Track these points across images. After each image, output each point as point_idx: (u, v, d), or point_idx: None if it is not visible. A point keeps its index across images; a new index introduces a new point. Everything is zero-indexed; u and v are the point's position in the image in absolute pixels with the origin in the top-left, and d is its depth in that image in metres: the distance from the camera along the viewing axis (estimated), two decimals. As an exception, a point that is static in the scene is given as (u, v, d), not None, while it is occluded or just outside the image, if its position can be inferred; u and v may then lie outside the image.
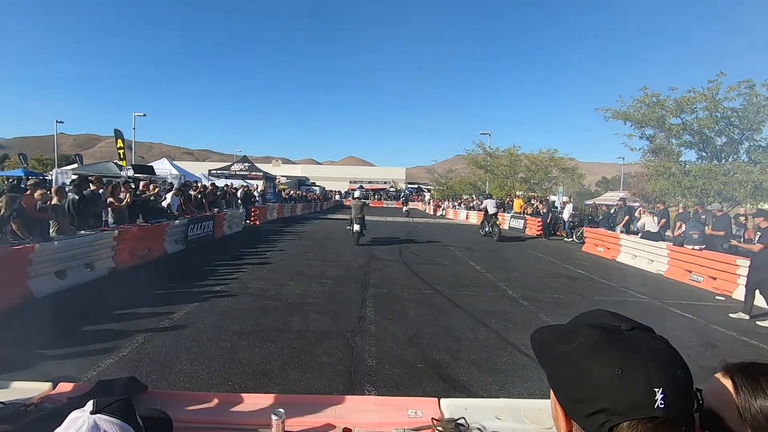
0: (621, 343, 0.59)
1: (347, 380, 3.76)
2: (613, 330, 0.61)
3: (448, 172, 51.54)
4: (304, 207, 30.02)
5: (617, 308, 3.09)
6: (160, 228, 9.60)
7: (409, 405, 1.61)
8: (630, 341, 0.59)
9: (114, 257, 7.73)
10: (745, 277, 7.90)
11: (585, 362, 0.58)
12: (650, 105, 13.39)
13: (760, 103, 11.28)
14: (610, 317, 0.65)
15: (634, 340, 0.59)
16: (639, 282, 9.28)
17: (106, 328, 4.74)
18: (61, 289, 6.23)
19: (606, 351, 0.58)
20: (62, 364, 3.76)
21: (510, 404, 1.61)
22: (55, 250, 6.29)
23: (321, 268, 8.88)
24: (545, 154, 29.08)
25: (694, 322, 6.27)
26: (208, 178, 25.61)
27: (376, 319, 5.58)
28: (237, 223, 15.73)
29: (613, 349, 0.58)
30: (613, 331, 0.61)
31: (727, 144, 12.48)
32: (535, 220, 19.52)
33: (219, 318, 5.28)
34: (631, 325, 0.62)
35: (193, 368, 3.82)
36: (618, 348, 0.58)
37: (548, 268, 10.57)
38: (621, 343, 0.59)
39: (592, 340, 0.60)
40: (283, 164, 68.60)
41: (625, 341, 0.59)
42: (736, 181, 11.58)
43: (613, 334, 0.60)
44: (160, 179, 18.25)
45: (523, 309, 6.44)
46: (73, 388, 1.64)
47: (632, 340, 0.59)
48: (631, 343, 0.58)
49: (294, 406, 1.56)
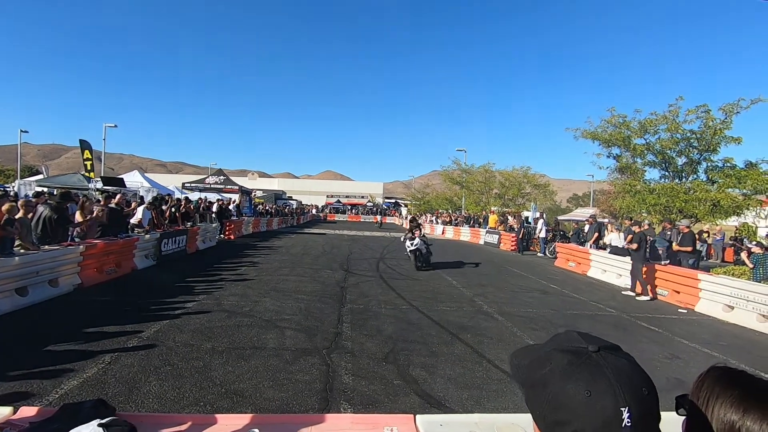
0: (588, 365, 0.62)
1: (323, 398, 3.72)
2: (580, 352, 0.64)
3: (425, 187, 52.19)
4: (280, 221, 29.69)
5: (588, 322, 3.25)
6: (130, 243, 9.30)
7: (385, 422, 1.62)
8: (597, 363, 0.62)
9: (80, 273, 7.42)
10: (706, 291, 8.33)
11: (558, 387, 0.62)
12: (616, 125, 14.03)
13: (716, 126, 12.00)
14: (578, 338, 0.68)
15: (601, 362, 0.62)
16: (608, 296, 9.57)
17: (70, 348, 4.53)
18: (22, 307, 5.93)
19: (575, 375, 0.61)
20: (22, 387, 3.56)
21: (484, 419, 1.64)
22: (16, 265, 6.00)
23: (297, 283, 8.78)
24: (519, 171, 29.92)
25: (659, 335, 6.51)
26: (181, 191, 25.04)
27: (353, 335, 5.54)
28: (211, 238, 15.40)
29: (581, 373, 0.61)
30: (580, 353, 0.64)
31: (687, 164, 13.16)
32: (510, 235, 19.93)
33: (191, 336, 5.14)
34: (598, 345, 0.65)
35: (163, 389, 3.69)
36: (585, 371, 0.61)
37: (522, 282, 10.77)
38: (588, 365, 0.62)
39: (561, 364, 0.63)
40: (260, 178, 67.84)
41: (592, 363, 0.62)
42: (696, 199, 12.19)
43: (580, 357, 0.64)
44: (130, 192, 17.74)
45: (498, 324, 6.53)
46: (36, 413, 1.58)
47: (599, 361, 0.62)
48: (598, 365, 0.62)
49: (270, 426, 1.55)
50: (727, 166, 12.40)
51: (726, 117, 11.98)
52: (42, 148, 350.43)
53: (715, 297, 8.15)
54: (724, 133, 12.05)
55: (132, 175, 23.29)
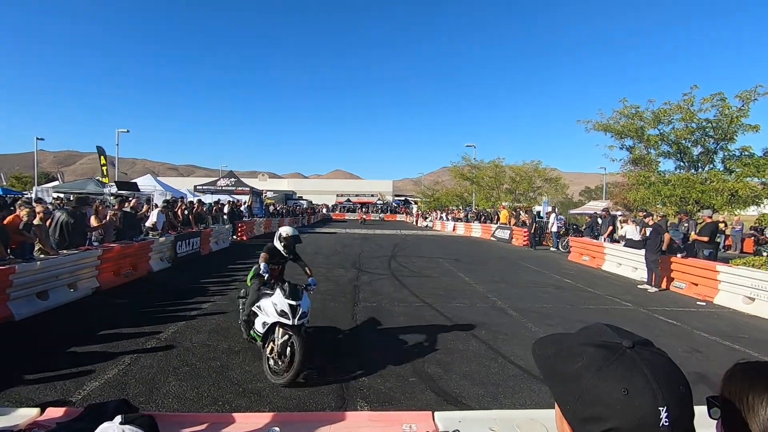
0: (625, 362, 0.60)
1: (340, 396, 3.74)
2: (615, 348, 0.63)
3: (435, 184, 51.99)
4: (291, 221, 29.87)
5: (604, 316, 3.21)
6: (145, 245, 9.44)
7: (403, 419, 1.62)
8: (633, 359, 0.60)
9: (98, 276, 7.57)
10: (725, 283, 8.18)
11: (591, 383, 0.60)
12: (629, 116, 13.78)
13: (732, 114, 11.72)
14: (611, 333, 0.66)
15: (637, 358, 0.61)
16: (624, 290, 9.44)
17: (91, 349, 4.62)
18: (43, 311, 6.07)
19: (611, 371, 0.60)
20: (46, 389, 3.65)
21: (503, 415, 1.63)
22: (37, 270, 6.14)
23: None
24: (529, 165, 29.60)
25: (678, 329, 6.40)
26: (193, 194, 25.34)
27: (367, 333, 5.56)
28: (224, 239, 15.56)
29: (618, 369, 0.60)
30: (615, 349, 0.62)
31: (703, 154, 12.88)
32: (522, 230, 19.76)
33: (207, 336, 5.21)
34: (632, 341, 0.64)
35: (182, 388, 3.75)
36: (622, 367, 0.60)
37: (535, 278, 10.68)
38: (625, 362, 0.60)
39: (596, 360, 0.62)
40: (270, 178, 68.31)
41: (628, 360, 0.61)
42: (712, 189, 11.93)
43: (616, 353, 0.62)
44: (144, 195, 18.02)
45: (512, 319, 6.49)
46: (63, 413, 1.62)
47: (635, 358, 0.61)
48: (635, 361, 0.60)
49: (289, 425, 1.56)
50: (744, 155, 12.10)
51: (743, 104, 11.68)
52: (57, 154, 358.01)
53: (734, 289, 7.98)
54: (741, 121, 11.76)
55: (145, 179, 23.63)
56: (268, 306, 4.06)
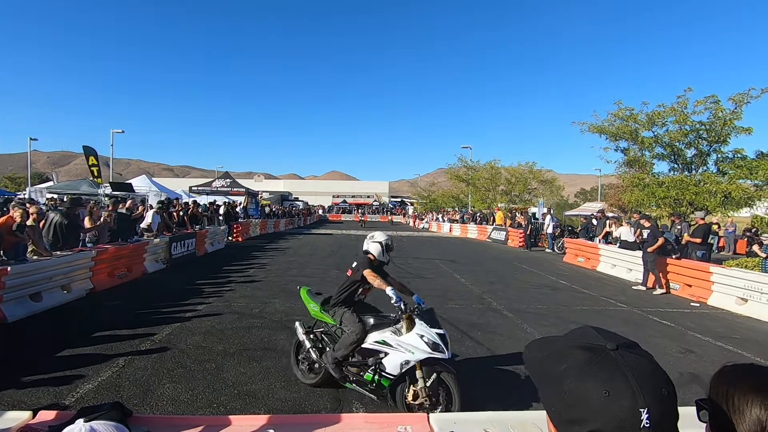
0: (607, 364, 0.61)
1: (335, 398, 3.73)
2: (598, 350, 0.63)
3: (431, 185, 52.10)
4: (287, 222, 29.80)
5: (599, 317, 3.22)
6: (140, 247, 9.39)
7: (398, 421, 1.63)
8: (615, 362, 0.61)
9: (92, 278, 7.51)
10: (718, 284, 8.24)
11: (574, 385, 0.61)
12: (624, 119, 13.89)
13: (726, 117, 11.83)
14: (596, 335, 0.67)
15: (620, 360, 0.61)
16: (619, 291, 9.49)
17: (84, 352, 4.59)
18: (37, 313, 6.02)
19: (593, 373, 0.60)
20: (39, 391, 3.62)
21: (497, 417, 1.64)
22: (30, 271, 6.09)
23: (306, 284, 8.79)
24: (524, 166, 29.74)
25: (671, 329, 6.44)
26: (188, 194, 25.24)
27: (363, 334, 5.54)
28: (219, 240, 15.50)
29: (600, 371, 0.60)
30: (599, 351, 0.63)
31: (696, 156, 13.00)
32: (517, 231, 19.83)
33: (202, 338, 5.18)
34: (616, 343, 0.64)
35: (177, 391, 3.73)
36: (604, 370, 0.60)
37: (531, 279, 10.72)
38: (607, 364, 0.61)
39: (579, 362, 0.62)
40: (266, 179, 68.07)
41: (610, 362, 0.61)
42: (706, 191, 12.05)
43: (598, 355, 0.62)
44: (139, 196, 17.91)
45: (508, 321, 6.51)
46: (55, 417, 1.60)
47: (617, 360, 0.61)
48: (617, 363, 0.61)
49: (285, 427, 1.56)
50: (737, 157, 12.24)
51: (736, 107, 11.81)
52: (51, 155, 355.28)
53: (727, 290, 8.05)
54: (734, 124, 11.89)
55: (140, 179, 23.50)
56: (412, 340, 3.25)
